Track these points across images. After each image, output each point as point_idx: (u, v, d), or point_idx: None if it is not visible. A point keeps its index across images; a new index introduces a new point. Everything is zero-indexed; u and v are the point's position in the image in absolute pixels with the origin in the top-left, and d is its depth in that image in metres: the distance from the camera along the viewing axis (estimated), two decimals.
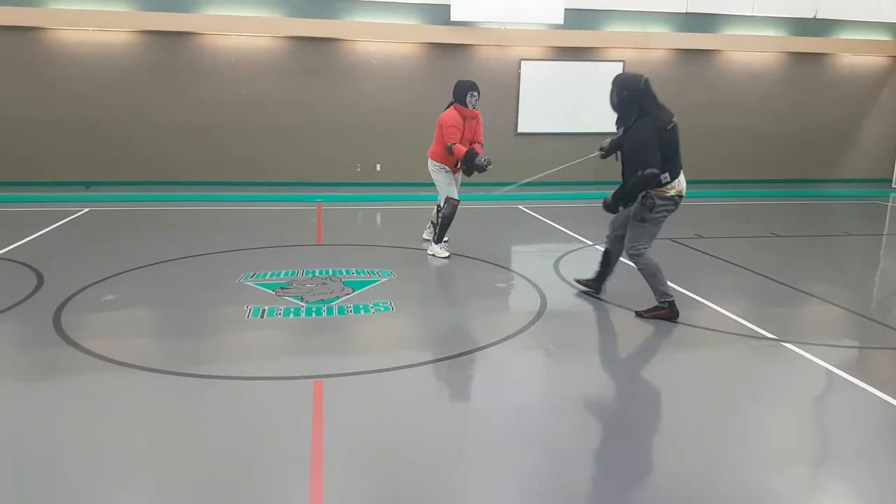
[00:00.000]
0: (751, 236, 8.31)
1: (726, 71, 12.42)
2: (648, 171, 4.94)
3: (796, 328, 5.35)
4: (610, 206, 5.26)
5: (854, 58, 12.76)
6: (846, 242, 8.82)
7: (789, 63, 12.58)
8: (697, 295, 5.93)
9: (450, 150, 6.85)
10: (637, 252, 5.29)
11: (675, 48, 12.04)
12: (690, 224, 9.14)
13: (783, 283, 6.38)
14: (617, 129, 5.29)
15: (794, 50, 12.39)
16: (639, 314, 5.38)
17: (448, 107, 7.02)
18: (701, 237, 8.21)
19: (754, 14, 12.12)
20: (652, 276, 5.30)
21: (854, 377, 4.21)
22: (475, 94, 6.88)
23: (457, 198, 7.08)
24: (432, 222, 7.51)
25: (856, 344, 5.11)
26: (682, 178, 5.27)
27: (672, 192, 5.17)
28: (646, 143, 4.99)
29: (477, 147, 7.03)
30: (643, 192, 5.10)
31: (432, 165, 7.16)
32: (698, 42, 11.98)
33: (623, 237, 5.50)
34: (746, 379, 4.30)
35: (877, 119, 13.24)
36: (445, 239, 7.20)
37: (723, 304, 5.68)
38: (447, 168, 7.09)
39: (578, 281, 6.08)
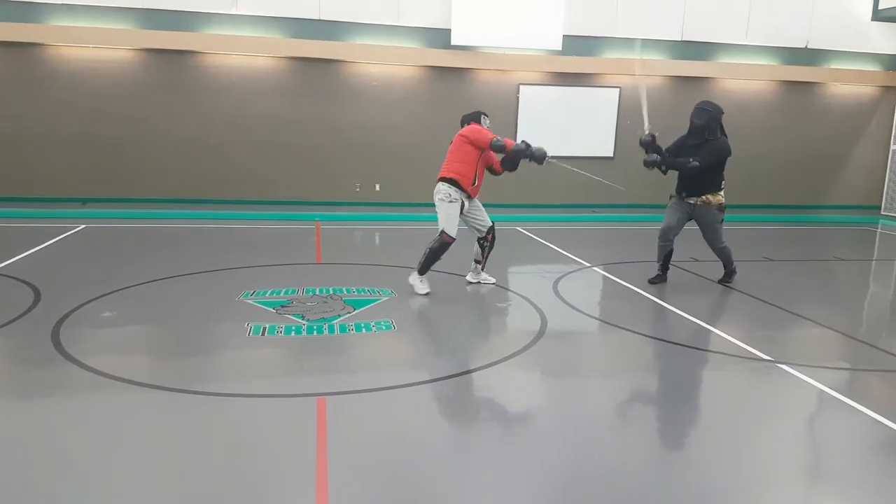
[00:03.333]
0: (745, 260, 8.38)
1: (719, 98, 12.54)
2: (693, 165, 6.58)
3: (790, 350, 5.41)
4: (650, 165, 6.77)
5: (844, 87, 13.02)
6: (837, 267, 8.94)
7: (781, 91, 12.81)
8: (694, 317, 5.99)
9: (500, 148, 6.31)
10: (723, 244, 7.04)
11: (670, 75, 12.23)
12: (685, 248, 9.23)
13: (777, 306, 6.45)
14: (694, 140, 6.72)
15: (786, 78, 12.63)
16: (722, 282, 7.19)
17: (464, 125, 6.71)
18: (696, 260, 8.29)
19: (747, 43, 12.37)
20: (729, 255, 7.14)
21: (847, 398, 4.26)
22: (487, 117, 6.72)
23: (454, 235, 6.46)
24: (476, 260, 6.97)
25: (848, 366, 5.17)
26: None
27: (723, 201, 6.91)
28: (723, 152, 6.70)
29: (497, 167, 6.77)
30: (720, 205, 6.84)
31: (443, 192, 6.43)
32: (692, 69, 12.18)
33: (679, 223, 7.07)
34: (744, 399, 4.35)
35: (866, 147, 13.47)
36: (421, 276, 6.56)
37: (719, 327, 5.74)
38: (458, 197, 6.43)
39: (651, 280, 7.17)
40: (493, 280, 6.97)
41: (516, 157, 6.44)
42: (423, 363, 4.91)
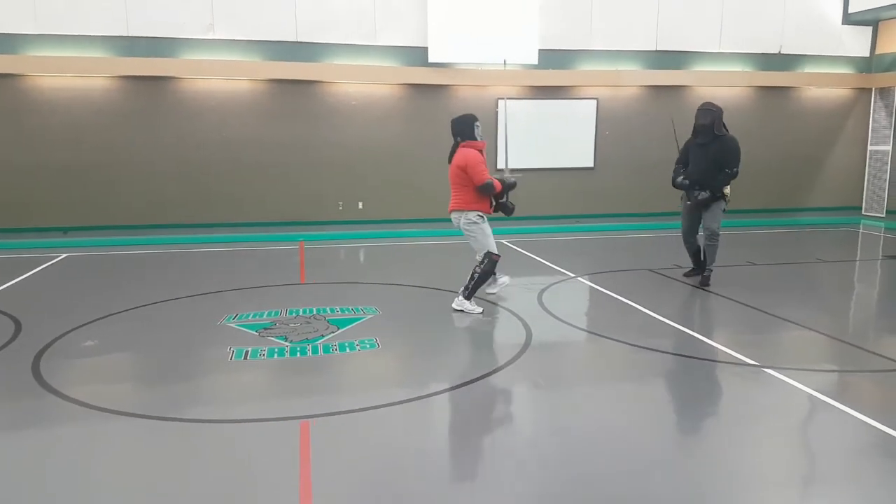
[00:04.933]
0: (727, 265, 8.44)
1: (696, 105, 12.71)
2: (735, 171, 7.11)
3: (776, 354, 5.43)
4: (708, 199, 7.22)
5: (819, 90, 13.19)
6: (820, 269, 9.00)
7: (757, 97, 12.96)
8: (678, 324, 6.00)
9: (489, 189, 6.31)
10: (719, 233, 7.34)
11: (646, 85, 12.36)
12: (667, 254, 9.28)
13: (761, 311, 6.48)
14: (704, 139, 7.19)
15: (761, 84, 12.79)
16: (702, 286, 7.37)
17: (455, 147, 6.52)
18: (679, 267, 8.33)
19: (721, 50, 12.52)
20: (715, 249, 7.40)
21: (834, 400, 4.28)
22: (479, 125, 6.54)
23: (497, 252, 6.50)
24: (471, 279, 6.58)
25: (834, 368, 5.19)
26: None
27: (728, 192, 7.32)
28: (738, 150, 7.14)
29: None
30: (725, 193, 7.25)
31: (466, 218, 6.39)
32: (668, 78, 12.32)
33: (696, 224, 7.53)
34: (731, 404, 4.36)
35: (844, 148, 13.63)
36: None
37: (703, 332, 5.76)
38: (483, 214, 6.47)
39: (686, 274, 7.83)
40: (478, 310, 6.44)
41: (504, 195, 6.62)
42: (408, 381, 4.87)
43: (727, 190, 7.28)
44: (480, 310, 6.42)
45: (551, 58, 11.72)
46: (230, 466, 3.47)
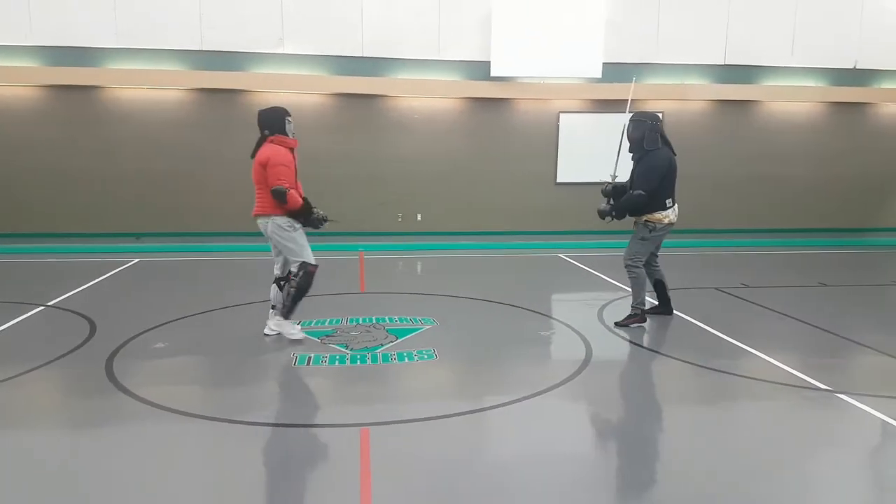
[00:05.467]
0: (798, 286, 8.15)
1: (767, 121, 12.40)
2: (637, 192, 6.03)
3: (849, 379, 5.20)
4: (602, 215, 6.31)
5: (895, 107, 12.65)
6: (895, 291, 8.60)
7: (831, 112, 12.51)
8: (747, 345, 5.81)
9: (281, 197, 5.34)
10: (635, 264, 6.30)
11: (713, 99, 12.09)
12: (737, 273, 9.03)
13: (834, 333, 6.22)
14: (636, 154, 6.22)
15: (835, 100, 12.33)
16: (618, 324, 6.32)
17: (261, 142, 5.72)
18: (747, 287, 8.08)
19: (793, 65, 12.15)
20: (640, 285, 6.30)
21: None
22: (290, 118, 5.76)
23: (314, 261, 5.64)
24: (273, 306, 5.85)
25: None
26: (676, 209, 6.33)
27: (666, 221, 6.22)
28: (655, 170, 6.04)
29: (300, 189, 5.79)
30: (645, 218, 6.14)
31: (274, 223, 5.61)
32: (737, 93, 12.02)
33: (651, 265, 6.48)
34: (802, 431, 4.18)
35: None
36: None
37: (773, 355, 5.55)
38: (292, 224, 5.63)
39: (647, 312, 6.53)
40: (299, 336, 5.74)
41: (304, 217, 5.63)
42: (465, 393, 4.86)
43: (660, 217, 6.18)
44: (301, 335, 5.73)
45: (615, 70, 11.60)
46: (293, 471, 3.53)
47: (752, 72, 12.14)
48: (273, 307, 5.85)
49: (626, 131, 6.27)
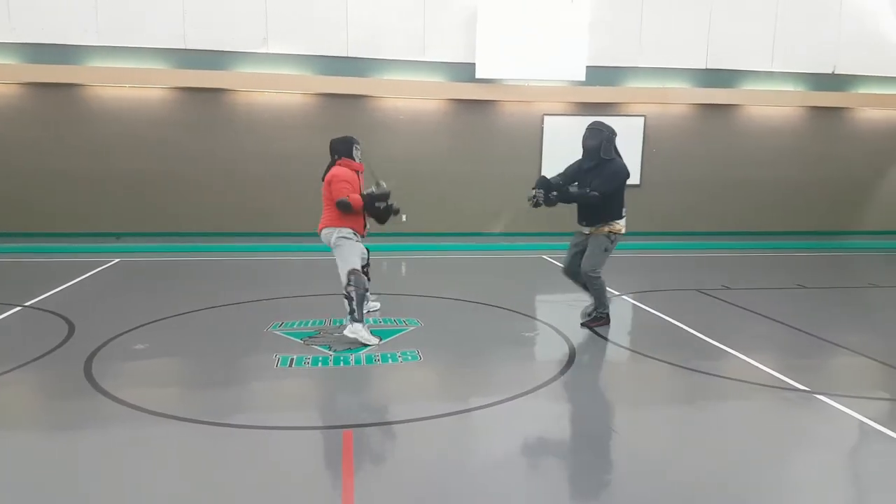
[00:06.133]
0: (778, 287, 8.25)
1: (747, 125, 12.55)
2: (593, 193, 6.04)
3: (828, 380, 5.27)
4: (551, 202, 6.17)
5: (873, 111, 12.84)
6: (872, 294, 8.72)
7: (810, 117, 12.68)
8: (726, 346, 5.87)
9: (345, 207, 5.90)
10: (596, 274, 6.35)
11: (695, 103, 12.21)
12: (717, 275, 9.12)
13: (812, 335, 6.30)
14: (589, 162, 6.21)
15: (814, 104, 12.50)
16: (584, 325, 6.44)
17: (331, 165, 6.28)
18: (728, 288, 8.17)
19: (773, 70, 12.30)
20: (601, 292, 6.43)
21: (890, 430, 4.12)
22: (359, 146, 6.37)
23: (359, 266, 6.04)
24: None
25: (889, 395, 5.00)
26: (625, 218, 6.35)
27: (623, 231, 6.29)
28: (619, 177, 6.14)
29: None
30: (611, 232, 6.20)
31: (339, 234, 6.03)
32: (718, 97, 12.15)
33: (576, 260, 6.47)
34: (780, 431, 4.23)
35: None
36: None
37: (752, 356, 5.61)
38: (355, 233, 6.09)
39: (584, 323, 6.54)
40: (375, 340, 5.84)
41: (373, 203, 6.00)
42: (450, 394, 4.87)
43: (618, 226, 6.21)
44: (376, 341, 5.79)
45: (599, 74, 11.68)
46: (274, 473, 3.51)
47: (733, 76, 12.28)
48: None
49: (585, 137, 6.27)
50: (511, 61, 11.20)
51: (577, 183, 6.29)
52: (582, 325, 6.48)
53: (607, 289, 6.53)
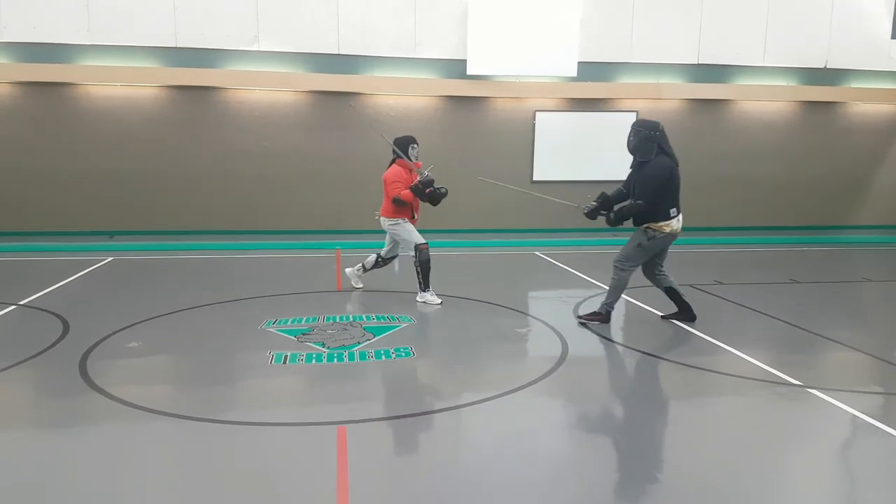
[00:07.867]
0: (770, 282, 8.28)
1: (739, 120, 12.58)
2: (638, 203, 5.96)
3: (821, 374, 5.31)
4: (591, 216, 6.29)
5: (865, 106, 12.89)
6: (866, 288, 8.77)
7: (802, 111, 12.72)
8: (720, 341, 5.90)
9: (398, 204, 7.06)
10: (622, 268, 6.24)
11: (687, 98, 12.24)
12: (710, 270, 9.16)
13: (805, 329, 6.34)
14: (633, 165, 6.16)
15: (806, 99, 12.54)
16: (580, 318, 6.45)
17: (391, 163, 7.30)
18: (721, 283, 8.20)
19: (765, 64, 12.34)
20: (617, 289, 6.30)
21: (882, 423, 4.16)
22: (416, 146, 7.29)
23: (424, 241, 7.19)
24: (364, 266, 7.78)
25: (881, 390, 5.04)
26: (680, 218, 6.13)
27: (668, 230, 6.06)
28: (654, 179, 5.92)
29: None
30: (646, 225, 6.04)
31: (390, 221, 7.27)
32: (710, 92, 12.17)
33: (655, 272, 6.40)
34: (774, 425, 4.26)
35: (891, 165, 13.28)
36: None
37: (746, 351, 5.65)
38: (404, 221, 7.24)
39: (666, 317, 6.60)
40: (437, 301, 7.18)
41: (423, 189, 7.10)
42: (443, 390, 4.88)
43: (663, 226, 6.03)
44: (439, 301, 7.13)
45: (591, 69, 11.69)
46: (268, 469, 3.52)
47: (725, 71, 12.31)
48: (362, 266, 7.80)
49: (628, 138, 6.18)
50: (502, 57, 11.20)
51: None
52: (578, 317, 6.54)
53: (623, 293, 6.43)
